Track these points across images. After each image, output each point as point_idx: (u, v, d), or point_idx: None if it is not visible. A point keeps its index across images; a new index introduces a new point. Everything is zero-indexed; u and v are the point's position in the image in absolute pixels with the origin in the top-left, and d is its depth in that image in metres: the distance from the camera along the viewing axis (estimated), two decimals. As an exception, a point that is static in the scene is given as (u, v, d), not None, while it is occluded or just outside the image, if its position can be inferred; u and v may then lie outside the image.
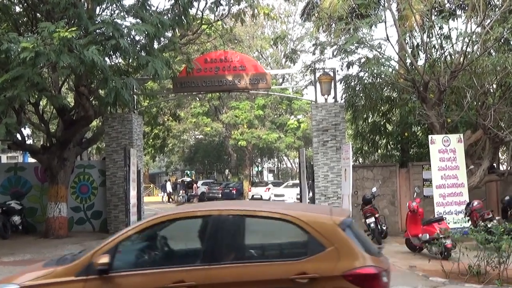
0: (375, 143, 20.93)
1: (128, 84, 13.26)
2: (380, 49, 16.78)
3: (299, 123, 42.39)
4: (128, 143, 17.22)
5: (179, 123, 37.08)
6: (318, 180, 16.83)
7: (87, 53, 11.64)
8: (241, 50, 33.74)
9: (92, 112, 16.32)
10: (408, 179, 17.46)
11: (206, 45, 23.51)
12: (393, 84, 18.35)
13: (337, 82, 17.73)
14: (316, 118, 17.11)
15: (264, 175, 63.66)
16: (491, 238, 9.44)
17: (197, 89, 18.78)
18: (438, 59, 16.28)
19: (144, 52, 14.02)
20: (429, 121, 15.95)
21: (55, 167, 16.64)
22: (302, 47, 38.77)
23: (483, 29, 15.09)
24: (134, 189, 16.00)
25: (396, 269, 11.46)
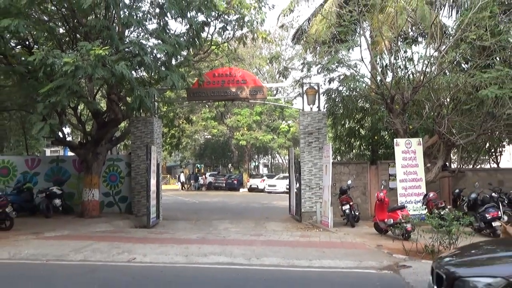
0: (351, 145, 20.94)
1: (150, 93, 13.22)
2: (356, 68, 16.81)
3: (289, 127, 42.45)
4: (149, 141, 17.19)
5: (192, 125, 37.06)
6: (304, 173, 16.83)
7: (117, 67, 11.61)
8: (242, 67, 33.68)
9: (121, 116, 16.28)
10: (377, 174, 17.47)
11: (214, 62, 23.47)
12: (366, 97, 18.37)
13: (320, 94, 17.71)
14: (303, 123, 17.10)
15: (260, 169, 63.58)
16: (444, 223, 9.47)
17: (207, 98, 18.75)
18: (402, 77, 16.31)
19: (163, 67, 13.99)
20: (395, 127, 15.97)
21: (90, 160, 16.60)
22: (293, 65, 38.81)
23: (439, 53, 15.11)
24: (154, 178, 15.98)
25: (366, 247, 11.48)
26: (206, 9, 14.91)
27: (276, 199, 30.12)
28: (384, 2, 16.44)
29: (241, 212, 21.74)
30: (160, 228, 15.43)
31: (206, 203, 27.59)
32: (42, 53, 11.66)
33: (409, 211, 13.39)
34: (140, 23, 13.72)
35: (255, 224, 16.49)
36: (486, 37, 13.98)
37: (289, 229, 15.30)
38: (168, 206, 22.80)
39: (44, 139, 26.58)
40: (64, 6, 13.77)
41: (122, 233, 13.77)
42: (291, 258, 10.05)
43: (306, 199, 16.74)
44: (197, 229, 15.35)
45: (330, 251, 10.77)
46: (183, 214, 20.28)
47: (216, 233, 14.18)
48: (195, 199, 31.33)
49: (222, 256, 10.19)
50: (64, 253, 10.39)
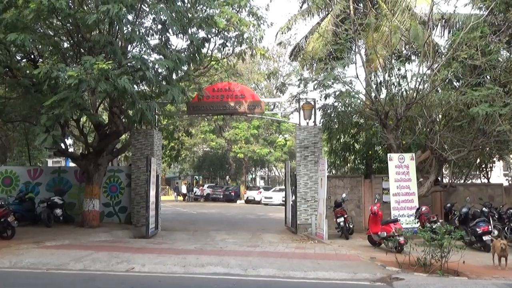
0: (346, 159, 20.98)
1: (151, 106, 13.25)
2: (351, 85, 16.93)
3: (286, 141, 42.53)
4: (149, 153, 17.19)
5: (191, 138, 37.03)
6: (300, 186, 16.82)
7: (120, 81, 11.65)
8: (241, 82, 33.83)
9: (122, 128, 16.29)
10: (371, 188, 17.48)
11: (214, 77, 23.56)
12: (361, 113, 18.46)
13: (316, 110, 17.77)
14: (299, 138, 17.14)
15: (257, 181, 63.42)
16: (436, 237, 9.46)
17: (206, 112, 18.80)
18: (396, 94, 16.41)
19: (164, 82, 14.04)
20: (388, 142, 16.03)
21: (91, 171, 16.55)
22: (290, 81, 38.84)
23: (432, 72, 15.25)
24: (153, 189, 15.92)
25: (360, 259, 11.44)
26: (207, 26, 15.02)
27: (272, 211, 30.03)
28: (379, 22, 16.64)
29: (238, 223, 21.65)
30: (158, 239, 15.35)
31: (204, 214, 27.47)
32: (47, 66, 11.72)
33: (402, 225, 13.37)
34: (143, 38, 13.80)
35: (251, 236, 16.43)
36: (477, 56, 14.14)
37: (284, 240, 15.24)
38: (167, 216, 22.70)
39: (47, 150, 26.51)
40: (69, 21, 13.85)
41: (121, 243, 13.68)
42: (287, 269, 10.00)
43: (301, 212, 16.71)
44: (194, 239, 15.27)
45: (325, 263, 10.73)
46: (181, 224, 20.18)
47: (214, 243, 14.11)
48: (193, 210, 31.20)
49: (219, 267, 10.14)
50: (64, 262, 10.32)
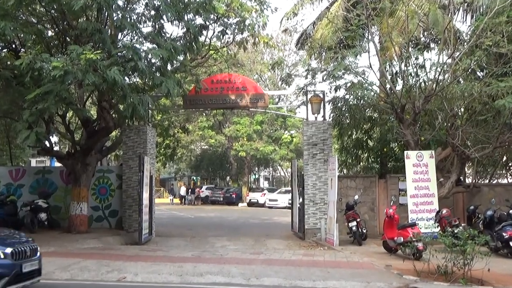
0: (358, 157, 20.95)
1: (144, 100, 13.26)
2: (363, 75, 16.92)
3: (292, 138, 42.55)
4: (142, 151, 17.20)
5: (188, 135, 37.09)
6: (308, 187, 16.81)
7: (109, 73, 11.65)
8: (243, 73, 33.81)
9: (112, 124, 16.30)
10: (386, 189, 17.45)
11: (212, 68, 23.56)
12: (375, 106, 18.42)
13: (326, 103, 17.75)
14: (307, 134, 17.13)
15: (260, 182, 63.54)
16: (458, 242, 9.44)
17: (204, 106, 18.79)
18: (413, 85, 16.37)
19: (158, 73, 14.04)
20: (405, 138, 16.00)
21: (78, 171, 16.59)
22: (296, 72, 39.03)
23: (453, 61, 15.20)
24: (147, 192, 15.95)
25: (374, 267, 11.44)
26: (205, 11, 15.00)
27: (277, 214, 30.05)
28: (394, 6, 16.57)
29: (239, 228, 21.67)
30: (152, 245, 15.38)
31: (202, 219, 27.51)
32: (30, 57, 11.72)
33: (421, 229, 13.36)
34: (134, 26, 13.80)
35: (254, 242, 16.44)
36: (502, 44, 14.06)
37: (291, 247, 15.25)
38: (162, 221, 22.74)
39: (30, 149, 26.53)
40: (54, 7, 13.86)
41: (112, 250, 13.71)
42: (293, 278, 10.01)
43: (309, 215, 16.71)
44: (192, 246, 15.30)
45: (336, 271, 10.73)
46: (177, 230, 20.22)
47: (213, 250, 14.13)
48: (190, 214, 31.25)
49: (219, 276, 10.15)
50: (49, 271, 10.35)
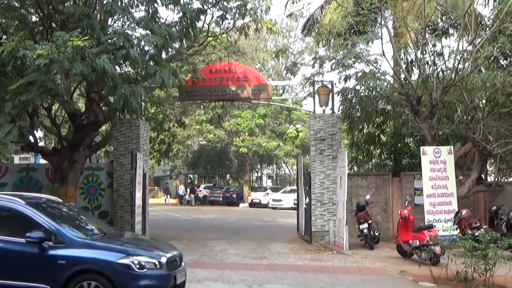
0: (370, 153, 20.92)
1: (136, 91, 13.25)
2: (376, 64, 16.85)
3: (298, 132, 42.51)
4: (135, 147, 17.21)
5: (184, 130, 37.13)
6: (315, 186, 16.80)
7: (98, 61, 11.64)
8: (244, 62, 33.79)
9: (102, 117, 16.29)
10: (400, 188, 17.44)
11: (211, 56, 23.53)
12: (388, 98, 18.37)
13: (334, 94, 17.72)
14: (314, 128, 17.10)
15: (263, 180, 63.58)
16: (478, 246, 9.43)
17: (202, 97, 18.78)
18: (430, 75, 16.32)
19: (152, 62, 14.02)
20: (421, 133, 15.96)
21: (65, 169, 16.60)
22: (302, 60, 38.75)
23: (474, 48, 15.13)
24: (140, 191, 15.96)
25: (387, 273, 11.44)
26: (203, -6, 14.98)
27: (281, 216, 30.06)
28: (410, -12, 16.51)
29: (240, 230, 21.72)
30: (146, 249, 15.39)
31: (200, 220, 27.54)
32: (12, 44, 11.70)
33: (438, 231, 13.35)
34: (126, 10, 13.76)
35: (257, 245, 16.46)
36: (528, 29, 14.00)
37: (297, 251, 15.27)
38: (156, 223, 22.78)
39: (13, 144, 26.59)
40: (38, -10, 13.86)
41: (102, 255, 13.72)
42: (299, 285, 10.02)
43: (317, 217, 16.71)
44: (189, 250, 15.31)
45: (345, 278, 10.74)
46: (173, 232, 20.24)
47: (212, 255, 14.15)
48: (187, 215, 31.30)
49: (218, 283, 10.17)
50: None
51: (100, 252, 7.62)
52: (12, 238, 7.76)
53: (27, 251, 7.56)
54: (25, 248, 7.57)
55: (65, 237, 7.67)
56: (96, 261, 7.52)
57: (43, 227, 7.66)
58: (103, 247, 7.77)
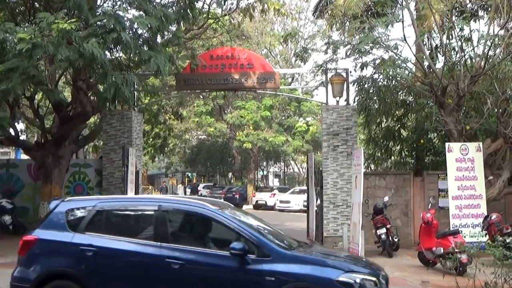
0: (389, 150, 20.89)
1: (128, 79, 13.29)
2: (396, 50, 16.77)
3: (308, 126, 42.44)
4: (127, 141, 17.25)
5: (181, 122, 37.13)
6: (327, 187, 16.80)
7: (86, 46, 11.67)
8: (249, 47, 33.79)
9: (90, 108, 16.35)
10: (422, 189, 17.41)
11: (212, 41, 23.57)
12: (409, 88, 18.31)
13: (349, 84, 17.69)
14: (327, 121, 17.09)
15: (270, 179, 63.69)
16: (510, 254, 9.40)
17: (201, 87, 18.78)
18: (457, 62, 16.24)
19: (146, 47, 14.05)
20: (447, 127, 15.91)
21: (49, 165, 16.67)
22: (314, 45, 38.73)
23: (506, 32, 15.06)
24: (132, 190, 16.01)
25: (407, 283, 11.44)
26: (203, -29, 15.00)
27: (290, 219, 30.05)
28: (435, -36, 16.43)
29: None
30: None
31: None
32: (-9, 26, 11.76)
33: (465, 238, 13.32)
34: (117, -12, 13.80)
35: (262, 252, 16.47)
36: None
37: (306, 258, 15.25)
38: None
39: (-9, 138, 26.76)
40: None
41: (89, 261, 13.77)
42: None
43: (329, 220, 16.71)
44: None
45: (361, 289, 10.72)
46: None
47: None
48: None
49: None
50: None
51: (315, 268, 7.08)
52: (207, 249, 7.44)
53: (226, 265, 7.14)
54: (224, 262, 7.15)
55: (270, 250, 7.18)
56: (313, 278, 6.93)
57: (243, 238, 7.21)
58: (315, 262, 7.29)
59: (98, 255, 7.48)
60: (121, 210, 8.09)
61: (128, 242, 7.52)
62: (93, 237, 7.61)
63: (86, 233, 7.68)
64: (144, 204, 8.12)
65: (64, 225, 7.81)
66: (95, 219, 7.82)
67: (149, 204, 8.05)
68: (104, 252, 7.50)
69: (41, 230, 7.98)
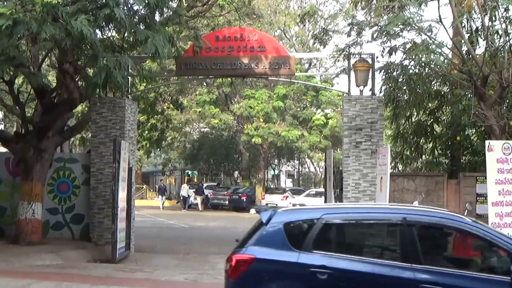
0: (419, 147, 20.84)
1: (122, 63, 13.26)
2: (430, 33, 16.69)
3: (327, 119, 42.43)
4: (119, 134, 17.27)
5: (181, 113, 37.27)
6: (348, 189, 16.76)
7: (74, 23, 11.65)
8: (260, 27, 33.73)
9: (77, 95, 16.37)
10: (458, 193, 17.35)
11: (218, 20, 23.51)
12: (445, 76, 18.26)
13: (376, 71, 17.64)
14: (348, 114, 17.04)
15: (282, 180, 63.83)
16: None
17: (205, 72, 18.79)
18: (501, 48, 16.16)
19: (143, 25, 14.01)
20: (487, 123, 15.83)
21: (30, 159, 16.71)
22: (335, 26, 38.73)
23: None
24: (124, 190, 16.03)
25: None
26: None
27: (304, 226, 30.08)
28: None
29: (251, 243, 21.77)
30: (131, 264, 15.52)
31: (200, 229, 27.68)
32: (-35, 0, 11.79)
33: (506, 250, 13.25)
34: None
35: (272, 263, 16.48)
36: None
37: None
38: (143, 231, 22.87)
39: (-35, 127, 26.93)
40: None
41: (75, 269, 13.84)
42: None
43: (349, 228, 16.69)
44: (185, 266, 15.39)
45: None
46: (165, 243, 20.35)
47: (214, 273, 14.16)
48: (184, 222, 31.43)
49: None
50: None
51: None
52: (474, 273, 7.21)
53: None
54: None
55: None
56: None
57: None
58: None
59: (334, 279, 6.99)
60: (355, 223, 7.68)
61: (368, 262, 7.09)
62: (325, 257, 7.12)
63: (314, 252, 7.17)
64: (383, 216, 7.75)
65: (284, 241, 7.30)
66: (322, 234, 7.36)
67: (390, 215, 7.68)
68: (342, 275, 7.02)
69: (255, 247, 7.36)
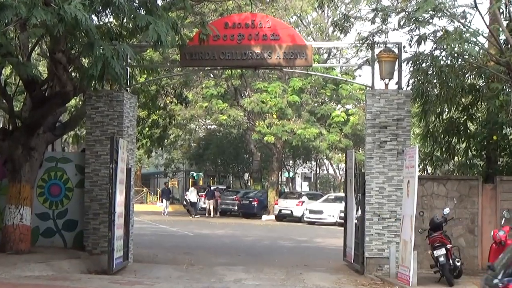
0: (451, 148, 20.78)
1: (120, 52, 13.31)
2: (464, 20, 16.66)
3: (348, 116, 42.35)
4: (116, 131, 17.31)
5: (186, 108, 37.24)
6: (371, 194, 16.75)
7: (68, 8, 11.69)
8: (273, 13, 33.75)
9: (71, 88, 16.43)
10: (494, 199, 17.29)
11: (227, 4, 23.56)
12: (480, 69, 18.21)
13: (402, 62, 17.61)
14: (372, 110, 17.02)
15: (297, 183, 63.77)
16: None
17: (213, 62, 18.81)
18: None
19: (143, 10, 14.07)
20: (528, 121, 15.82)
21: (18, 159, 16.78)
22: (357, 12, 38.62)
23: None
24: (122, 193, 16.09)
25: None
26: None
27: (321, 234, 30.09)
28: None
29: (263, 254, 21.90)
30: (129, 275, 15.58)
31: (206, 237, 27.75)
32: None
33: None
34: None
35: (285, 275, 16.54)
36: None
37: (342, 285, 15.31)
38: (143, 239, 22.96)
39: None
40: None
41: (67, 281, 13.88)
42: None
43: (373, 237, 16.69)
44: (189, 279, 15.42)
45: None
46: (167, 253, 20.40)
47: (222, 287, 14.21)
48: (188, 229, 31.47)
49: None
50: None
51: None
52: None
53: None
54: None
55: None
56: None
57: None
58: None
59: None
60: None
61: None
62: None
63: None
64: None
65: None
66: None
67: None
68: None
69: None
